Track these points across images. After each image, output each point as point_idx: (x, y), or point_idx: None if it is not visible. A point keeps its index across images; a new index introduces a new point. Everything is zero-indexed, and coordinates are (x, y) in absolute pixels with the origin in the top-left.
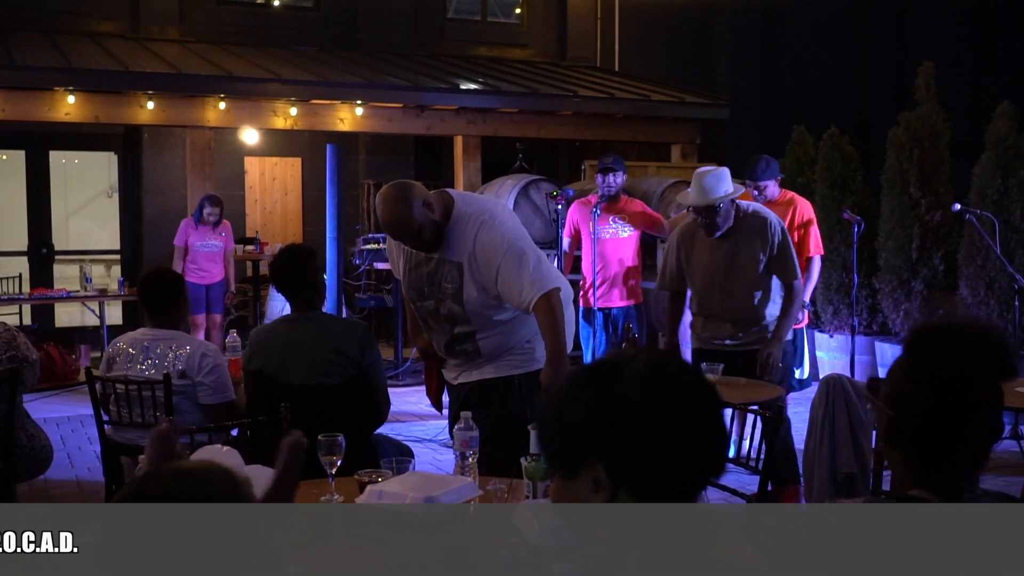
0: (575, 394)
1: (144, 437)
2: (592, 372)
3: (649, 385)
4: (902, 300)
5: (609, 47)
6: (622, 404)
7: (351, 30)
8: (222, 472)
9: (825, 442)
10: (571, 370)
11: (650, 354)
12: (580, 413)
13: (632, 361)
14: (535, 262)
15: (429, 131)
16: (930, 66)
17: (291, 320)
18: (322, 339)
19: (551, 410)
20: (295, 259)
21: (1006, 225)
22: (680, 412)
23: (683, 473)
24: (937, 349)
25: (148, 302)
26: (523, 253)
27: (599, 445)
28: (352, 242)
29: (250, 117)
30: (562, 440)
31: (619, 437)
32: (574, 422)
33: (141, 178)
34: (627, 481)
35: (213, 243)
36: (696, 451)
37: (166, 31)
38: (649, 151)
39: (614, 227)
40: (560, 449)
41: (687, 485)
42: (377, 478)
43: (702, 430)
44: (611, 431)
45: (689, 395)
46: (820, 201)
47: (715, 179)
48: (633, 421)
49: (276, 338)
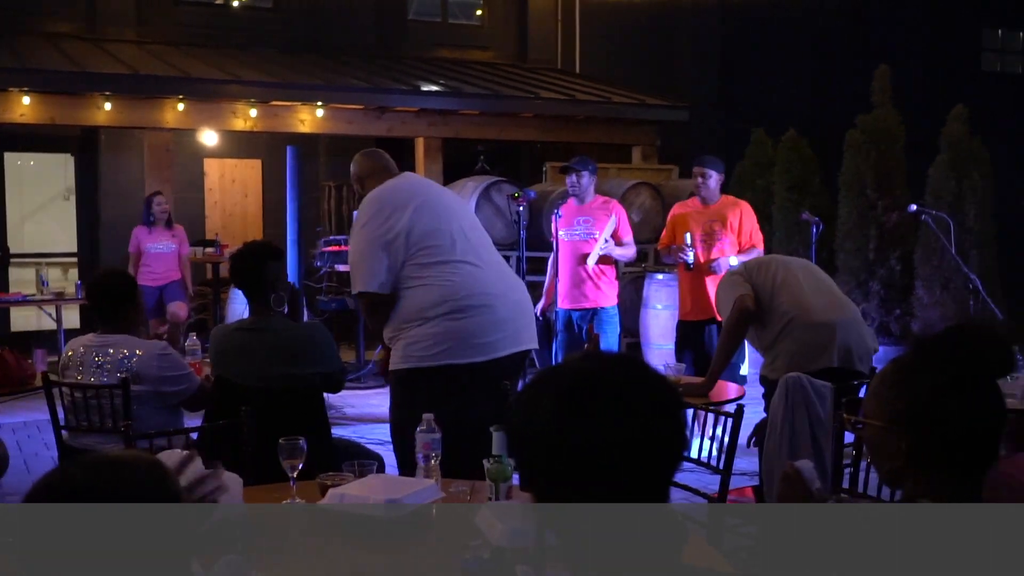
0: (518, 402)
1: (101, 443)
2: (533, 380)
3: (568, 397)
4: (860, 300)
5: (570, 49)
6: (542, 415)
7: (311, 31)
8: (147, 463)
9: (785, 442)
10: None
11: (584, 362)
12: (519, 421)
13: (563, 370)
14: (355, 260)
15: (390, 133)
16: (885, 70)
17: (249, 323)
18: (280, 342)
19: (512, 415)
20: (256, 257)
21: (961, 226)
22: (595, 422)
23: (621, 481)
24: (971, 354)
25: (98, 307)
26: (352, 251)
27: (532, 453)
28: (313, 244)
29: (209, 119)
30: (512, 447)
31: (540, 446)
32: (517, 430)
33: (98, 180)
34: (559, 490)
35: (166, 244)
36: (631, 458)
37: (123, 32)
38: (610, 153)
39: (581, 228)
40: (513, 454)
41: (632, 492)
42: (339, 481)
43: (632, 437)
44: (535, 440)
45: (607, 404)
46: (779, 203)
47: None
48: (550, 431)
49: (234, 342)
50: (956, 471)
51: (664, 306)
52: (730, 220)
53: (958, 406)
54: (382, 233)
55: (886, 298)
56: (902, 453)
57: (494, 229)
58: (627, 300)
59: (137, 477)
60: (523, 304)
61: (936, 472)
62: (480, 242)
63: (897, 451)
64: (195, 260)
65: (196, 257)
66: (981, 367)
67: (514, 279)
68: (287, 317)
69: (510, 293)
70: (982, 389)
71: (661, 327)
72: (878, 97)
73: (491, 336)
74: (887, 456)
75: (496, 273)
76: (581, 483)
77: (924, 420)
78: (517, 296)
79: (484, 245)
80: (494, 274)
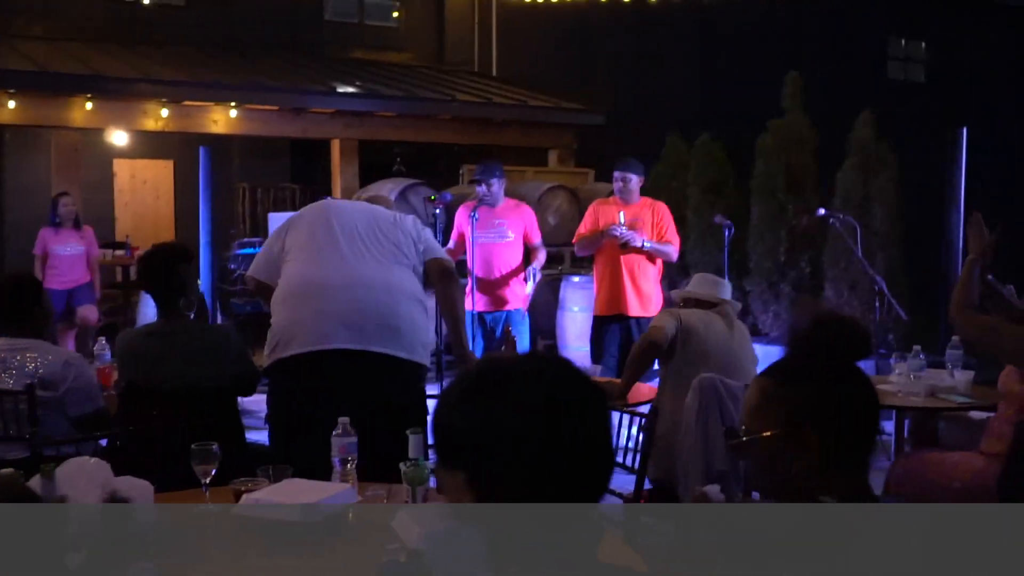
0: (455, 400)
1: (5, 451)
2: (471, 380)
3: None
4: (771, 302)
5: (487, 52)
6: (477, 413)
7: (225, 30)
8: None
9: (699, 441)
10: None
11: (515, 362)
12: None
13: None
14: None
15: (305, 134)
16: (796, 76)
17: (158, 327)
18: (192, 344)
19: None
20: (165, 258)
21: (867, 229)
22: (549, 427)
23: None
24: (842, 342)
25: (2, 310)
26: None
27: (462, 452)
28: (227, 247)
29: (119, 118)
30: (436, 439)
31: (480, 445)
32: (442, 424)
33: (3, 181)
34: (492, 491)
35: (74, 246)
36: (564, 461)
37: (30, 27)
38: (527, 156)
39: (495, 231)
40: (437, 446)
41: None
42: (254, 487)
43: (558, 440)
44: (471, 438)
45: (560, 409)
46: (693, 205)
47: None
48: (487, 431)
49: (144, 346)
50: (854, 459)
51: (580, 308)
52: (649, 220)
53: (846, 392)
54: (274, 235)
55: (796, 299)
56: (814, 449)
57: None
58: (543, 302)
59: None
60: (368, 303)
61: (837, 463)
62: (358, 238)
63: (805, 451)
64: (104, 262)
65: (106, 259)
66: (852, 353)
67: (379, 278)
68: (195, 321)
69: (358, 289)
70: (860, 374)
71: (578, 329)
72: (789, 102)
73: (314, 328)
74: (793, 459)
75: (349, 267)
76: (522, 483)
77: (827, 411)
78: (364, 294)
79: (364, 241)
80: (346, 268)
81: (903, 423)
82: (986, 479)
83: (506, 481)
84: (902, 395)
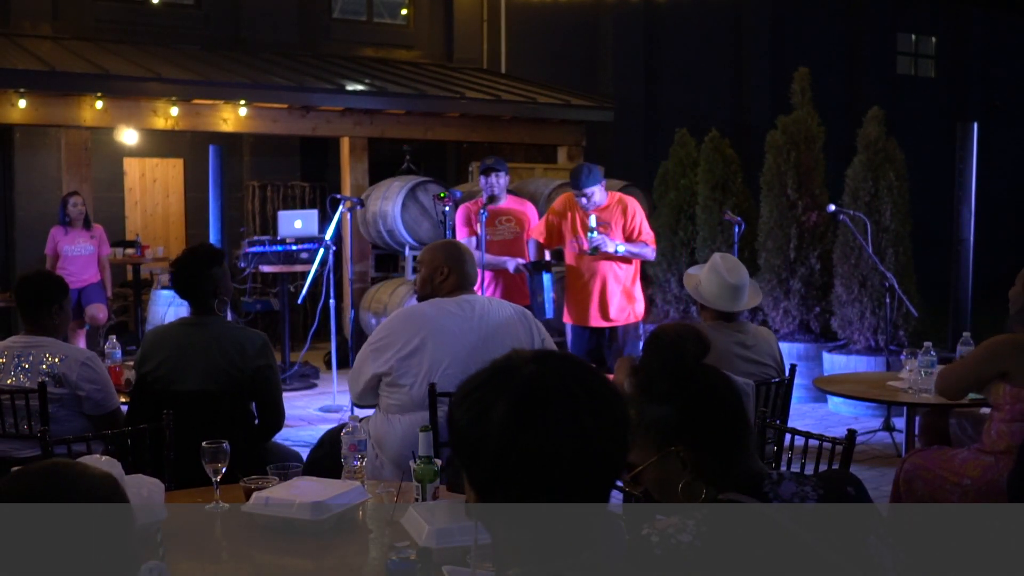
0: (464, 402)
1: (18, 448)
2: (479, 381)
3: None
4: (781, 299)
5: (495, 49)
6: (494, 418)
7: (234, 28)
8: (97, 473)
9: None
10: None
11: (536, 365)
12: (466, 422)
13: (510, 370)
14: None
15: (315, 132)
16: (805, 72)
17: (189, 323)
18: (219, 346)
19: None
20: (198, 262)
21: (877, 225)
22: (550, 428)
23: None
24: (685, 346)
25: (23, 307)
26: None
27: (459, 450)
28: (237, 245)
29: (129, 117)
30: (456, 448)
31: (469, 444)
32: (464, 431)
33: (13, 180)
34: (494, 493)
35: (84, 245)
36: (566, 462)
37: (39, 27)
38: (536, 153)
39: (503, 227)
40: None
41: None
42: (263, 484)
43: (585, 443)
44: (475, 442)
45: (564, 410)
46: (702, 202)
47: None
48: (503, 436)
49: (171, 341)
50: (732, 452)
51: None
52: (620, 220)
53: (697, 399)
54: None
55: (806, 296)
56: (691, 462)
57: (420, 229)
58: (552, 300)
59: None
60: None
61: (718, 461)
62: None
63: (684, 467)
64: (115, 261)
65: (116, 258)
66: (691, 357)
67: None
68: (229, 321)
69: None
70: (708, 374)
71: None
72: (798, 99)
73: None
74: (677, 477)
75: None
76: (531, 486)
77: (687, 425)
78: None
79: None
80: None
81: (913, 420)
82: (996, 475)
83: (499, 481)
84: (912, 392)
